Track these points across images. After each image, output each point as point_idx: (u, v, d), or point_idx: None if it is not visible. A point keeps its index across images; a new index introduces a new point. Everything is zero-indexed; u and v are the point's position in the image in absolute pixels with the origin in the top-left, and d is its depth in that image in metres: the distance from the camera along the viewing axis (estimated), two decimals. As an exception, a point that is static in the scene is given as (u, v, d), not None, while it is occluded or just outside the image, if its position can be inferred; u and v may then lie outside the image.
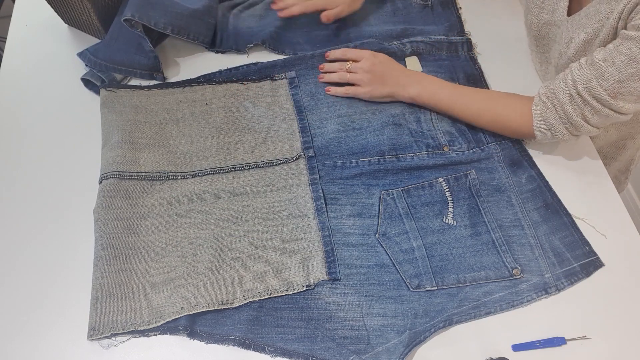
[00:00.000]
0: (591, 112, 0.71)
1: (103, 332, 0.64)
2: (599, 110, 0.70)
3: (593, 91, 0.69)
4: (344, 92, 0.86)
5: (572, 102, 0.71)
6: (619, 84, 0.67)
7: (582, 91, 0.70)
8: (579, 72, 0.70)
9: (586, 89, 0.69)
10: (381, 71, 0.85)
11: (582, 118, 0.71)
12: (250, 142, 0.81)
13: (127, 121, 0.81)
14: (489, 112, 0.79)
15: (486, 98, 0.81)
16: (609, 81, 0.68)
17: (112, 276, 0.68)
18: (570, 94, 0.71)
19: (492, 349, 0.65)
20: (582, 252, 0.72)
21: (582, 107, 0.71)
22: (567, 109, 0.72)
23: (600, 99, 0.69)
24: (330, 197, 0.76)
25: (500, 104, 0.79)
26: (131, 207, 0.73)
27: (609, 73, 0.67)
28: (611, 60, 0.67)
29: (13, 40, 0.96)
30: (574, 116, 0.71)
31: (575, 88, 0.71)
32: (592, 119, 0.71)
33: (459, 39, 0.95)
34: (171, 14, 0.86)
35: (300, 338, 0.65)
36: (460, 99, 0.81)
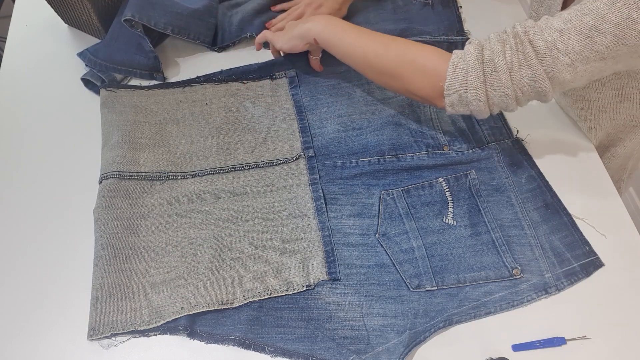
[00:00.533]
0: (521, 60, 0.62)
1: (103, 332, 0.64)
2: (530, 60, 0.61)
3: (531, 36, 0.61)
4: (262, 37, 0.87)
5: (505, 44, 0.63)
6: (559, 34, 0.59)
7: (520, 33, 0.62)
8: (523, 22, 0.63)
9: (525, 32, 0.62)
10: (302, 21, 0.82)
11: (508, 64, 0.62)
12: (250, 142, 0.81)
13: (127, 121, 0.81)
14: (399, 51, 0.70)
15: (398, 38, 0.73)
16: (550, 29, 0.60)
17: (112, 276, 0.68)
18: (504, 39, 0.63)
19: (492, 349, 0.65)
20: (582, 252, 0.72)
21: (514, 52, 0.62)
22: (495, 48, 0.63)
23: (536, 46, 0.61)
24: (330, 197, 0.76)
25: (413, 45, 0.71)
26: (131, 207, 0.73)
27: (552, 22, 0.61)
28: (559, 15, 0.61)
29: (13, 40, 0.96)
30: (500, 57, 0.62)
31: (514, 30, 0.63)
32: (517, 71, 0.62)
33: (459, 38, 0.95)
34: (171, 14, 0.86)
35: (301, 338, 0.65)
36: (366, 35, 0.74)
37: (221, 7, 0.96)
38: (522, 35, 0.62)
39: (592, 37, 0.58)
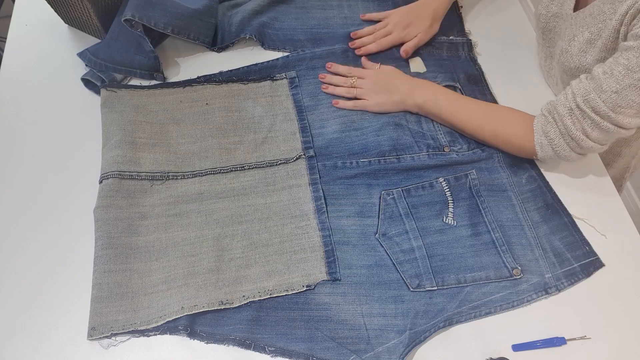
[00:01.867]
0: (591, 125, 0.69)
1: (103, 332, 0.64)
2: (598, 124, 0.68)
3: (592, 103, 0.68)
4: (353, 106, 0.86)
5: (572, 115, 0.70)
6: (617, 95, 0.66)
7: (581, 104, 0.69)
8: (578, 85, 0.70)
9: (585, 102, 0.68)
10: (386, 83, 0.85)
11: (582, 132, 0.70)
12: (250, 142, 0.81)
13: (127, 121, 0.81)
14: (491, 125, 0.78)
15: (489, 110, 0.80)
16: (606, 92, 0.66)
17: (112, 276, 0.68)
18: (569, 107, 0.70)
19: (492, 349, 0.65)
20: (582, 252, 0.72)
21: (582, 120, 0.69)
22: (567, 122, 0.70)
23: (599, 112, 0.67)
24: (331, 197, 0.76)
25: (502, 117, 0.78)
26: (131, 207, 0.73)
27: (607, 85, 0.66)
28: (610, 72, 0.66)
29: (13, 40, 0.96)
30: (574, 130, 0.70)
31: (575, 101, 0.69)
32: (592, 133, 0.69)
33: (459, 39, 0.95)
34: (171, 14, 0.86)
35: (301, 338, 0.65)
36: (463, 108, 0.80)
37: (221, 7, 0.96)
38: (584, 105, 0.68)
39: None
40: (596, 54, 0.73)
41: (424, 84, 0.85)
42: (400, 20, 0.92)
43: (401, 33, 0.91)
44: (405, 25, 0.91)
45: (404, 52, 0.91)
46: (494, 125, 0.78)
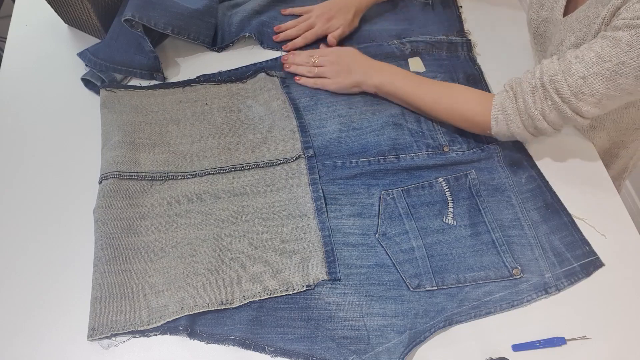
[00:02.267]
0: (550, 107, 0.69)
1: (103, 332, 0.64)
2: (558, 106, 0.68)
3: (556, 84, 0.68)
4: (313, 83, 0.88)
5: (534, 93, 0.70)
6: (583, 81, 0.66)
7: (546, 83, 0.68)
8: (548, 65, 0.69)
9: (550, 82, 0.68)
10: (347, 62, 0.86)
11: (540, 112, 0.70)
12: (250, 142, 0.81)
13: (127, 121, 0.81)
14: (446, 100, 0.78)
15: (445, 88, 0.81)
16: (573, 76, 0.66)
17: (112, 276, 0.68)
18: (534, 85, 0.70)
19: (492, 349, 0.65)
20: (582, 252, 0.72)
21: (543, 100, 0.69)
22: (527, 99, 0.70)
23: (562, 94, 0.67)
24: (330, 197, 0.76)
25: (459, 93, 0.79)
26: (131, 207, 0.73)
27: (575, 69, 0.66)
28: (581, 57, 0.66)
29: (13, 40, 0.96)
30: (532, 108, 0.70)
31: (541, 80, 0.69)
32: (549, 115, 0.69)
33: (459, 39, 0.95)
34: (171, 14, 0.86)
35: (301, 338, 0.65)
36: (419, 87, 0.81)
37: (221, 7, 0.96)
38: (549, 85, 0.68)
39: (614, 80, 0.64)
40: None
41: (383, 66, 0.86)
42: (322, 12, 0.93)
43: (324, 25, 0.93)
44: (328, 17, 0.93)
45: (330, 41, 0.92)
46: (449, 100, 0.79)
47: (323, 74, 0.87)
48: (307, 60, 0.89)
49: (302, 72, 0.89)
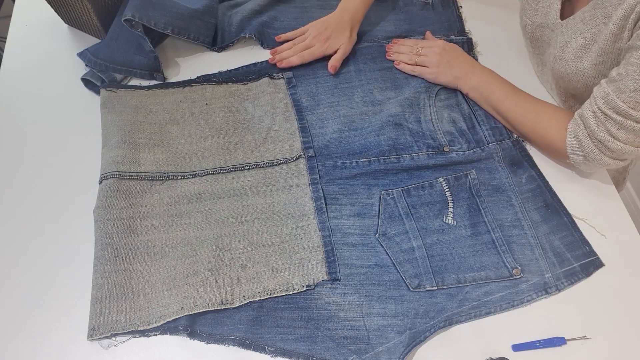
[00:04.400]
0: (615, 126, 0.69)
1: (103, 332, 0.64)
2: (622, 124, 0.69)
3: (612, 104, 0.69)
4: (411, 70, 0.89)
5: (595, 118, 0.71)
6: (636, 94, 0.66)
7: (602, 106, 0.69)
8: (599, 90, 0.71)
9: (605, 103, 0.69)
10: (451, 56, 0.87)
11: (606, 133, 0.70)
12: (250, 142, 0.81)
13: (127, 121, 0.81)
14: (533, 117, 0.79)
15: (535, 103, 0.80)
16: (625, 92, 0.67)
17: (112, 276, 0.68)
18: (593, 111, 0.71)
19: (492, 349, 0.65)
20: (582, 252, 0.72)
21: (605, 122, 0.70)
22: (591, 125, 0.71)
23: (621, 112, 0.68)
24: (331, 197, 0.76)
25: (546, 112, 0.79)
26: (131, 207, 0.73)
27: (624, 85, 0.67)
28: (625, 73, 0.67)
29: (13, 40, 0.95)
30: (597, 132, 0.70)
31: (597, 104, 0.70)
32: (618, 133, 0.70)
33: (459, 38, 0.95)
34: (171, 14, 0.86)
35: (301, 338, 0.65)
36: (512, 97, 0.82)
37: (221, 7, 0.96)
38: (605, 107, 0.69)
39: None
40: (593, 58, 0.74)
41: (483, 69, 0.87)
42: (318, 33, 0.91)
43: (322, 46, 0.90)
44: (325, 38, 0.90)
45: (332, 68, 0.89)
46: (536, 118, 0.79)
47: (424, 63, 0.88)
48: (410, 50, 0.90)
49: (402, 59, 0.90)
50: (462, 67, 0.87)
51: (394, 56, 0.91)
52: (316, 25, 0.92)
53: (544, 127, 0.78)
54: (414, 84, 0.89)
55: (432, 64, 0.88)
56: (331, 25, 0.91)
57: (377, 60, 0.91)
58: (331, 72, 0.90)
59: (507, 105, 0.81)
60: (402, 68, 0.90)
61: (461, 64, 0.87)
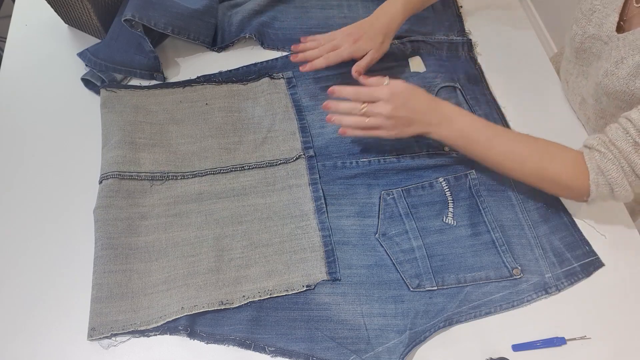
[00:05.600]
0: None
1: (103, 332, 0.64)
2: None
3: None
4: (365, 135, 0.76)
5: (637, 150, 0.63)
6: None
7: None
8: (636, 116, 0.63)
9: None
10: (404, 114, 0.72)
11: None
12: (250, 142, 0.81)
13: (127, 121, 0.81)
14: (536, 161, 0.69)
15: (533, 144, 0.71)
16: None
17: (112, 276, 0.68)
18: (633, 142, 0.63)
19: (492, 349, 0.65)
20: (582, 252, 0.72)
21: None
22: (634, 159, 0.63)
23: None
24: (331, 197, 0.76)
25: (547, 153, 0.69)
26: (131, 207, 0.73)
27: None
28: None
29: (13, 40, 0.95)
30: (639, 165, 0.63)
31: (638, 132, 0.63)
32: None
33: (459, 39, 0.95)
34: (171, 14, 0.86)
35: (301, 338, 0.65)
36: (499, 146, 0.71)
37: (221, 7, 0.96)
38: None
39: None
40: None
41: (453, 111, 0.73)
42: (349, 33, 0.82)
43: (350, 47, 0.81)
44: (355, 39, 0.81)
45: (356, 72, 0.81)
46: (539, 161, 0.69)
47: (377, 126, 0.73)
48: (353, 108, 0.74)
49: (349, 124, 0.75)
50: (423, 120, 0.72)
51: (336, 119, 0.76)
52: (348, 27, 0.84)
53: (554, 168, 0.69)
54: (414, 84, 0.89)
55: (387, 126, 0.73)
56: (364, 28, 0.83)
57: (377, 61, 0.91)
58: (354, 76, 0.81)
59: (494, 153, 0.71)
60: (351, 134, 0.76)
61: (421, 116, 0.72)
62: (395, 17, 0.83)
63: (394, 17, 0.83)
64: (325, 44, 0.83)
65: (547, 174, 0.69)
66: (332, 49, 0.82)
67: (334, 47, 0.82)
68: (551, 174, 0.69)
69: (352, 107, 0.74)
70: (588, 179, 0.67)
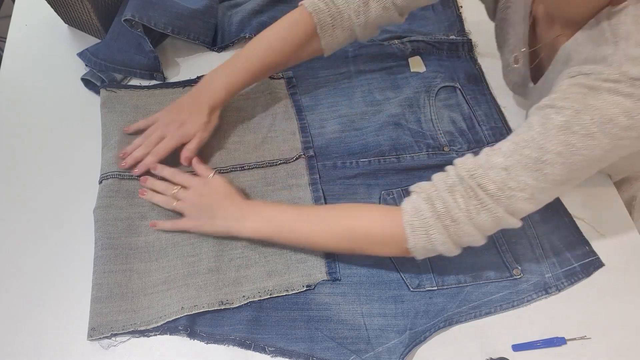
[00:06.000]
0: (477, 207, 0.57)
1: (103, 332, 0.64)
2: (486, 205, 0.57)
3: (478, 180, 0.57)
4: (171, 227, 0.71)
5: (453, 192, 0.58)
6: (507, 173, 0.56)
7: (466, 178, 0.58)
8: (463, 161, 0.60)
9: (471, 177, 0.57)
10: (209, 204, 0.70)
11: (465, 214, 0.58)
12: (250, 142, 0.81)
13: (127, 122, 0.81)
14: (342, 222, 0.65)
15: (340, 213, 0.67)
16: (494, 169, 0.56)
17: (112, 276, 0.68)
18: (450, 183, 0.59)
19: (492, 349, 0.65)
20: (582, 252, 0.72)
21: (466, 198, 0.57)
22: (447, 199, 0.58)
23: (488, 190, 0.56)
24: (331, 197, 0.76)
25: (355, 210, 0.67)
26: (131, 207, 0.73)
27: (495, 161, 0.57)
28: (497, 147, 0.58)
29: (13, 40, 0.96)
30: (455, 209, 0.58)
31: (459, 175, 0.59)
32: (477, 217, 0.57)
33: (459, 39, 0.95)
34: (171, 14, 0.86)
35: (301, 338, 0.65)
36: (306, 220, 0.67)
37: (221, 7, 0.96)
38: (469, 180, 0.57)
39: (540, 170, 0.55)
40: None
41: (255, 206, 0.71)
42: (171, 120, 0.76)
43: (176, 134, 0.75)
44: (179, 124, 0.75)
45: (185, 160, 0.75)
46: (346, 221, 0.65)
47: (182, 211, 0.71)
48: (166, 189, 0.73)
49: (157, 202, 0.73)
50: (227, 215, 0.69)
51: (147, 195, 0.73)
52: (168, 110, 0.79)
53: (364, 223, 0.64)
54: (414, 84, 0.89)
55: (191, 215, 0.71)
56: (184, 107, 0.77)
57: (377, 60, 0.91)
58: (184, 164, 0.75)
59: (305, 233, 0.67)
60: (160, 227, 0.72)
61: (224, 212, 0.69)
62: (216, 93, 0.76)
63: (215, 93, 0.76)
64: (150, 138, 0.76)
65: (358, 229, 0.64)
66: (158, 142, 0.76)
67: (159, 138, 0.76)
68: (360, 227, 0.64)
69: (166, 188, 0.73)
70: (401, 222, 0.60)
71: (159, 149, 0.75)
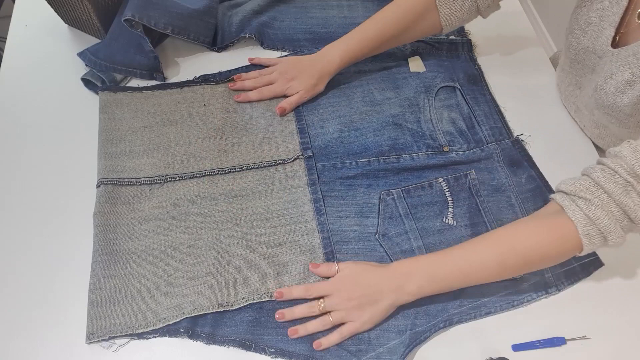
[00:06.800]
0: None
1: (101, 336, 0.64)
2: None
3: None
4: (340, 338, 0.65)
5: (629, 193, 0.57)
6: None
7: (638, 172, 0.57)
8: (625, 156, 0.58)
9: None
10: (362, 291, 0.65)
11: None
12: (248, 143, 0.81)
13: (127, 129, 0.80)
14: (521, 262, 0.62)
15: (496, 239, 0.64)
16: None
17: (111, 281, 0.68)
18: (623, 184, 0.57)
19: (492, 349, 0.65)
20: (583, 252, 0.72)
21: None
22: (626, 202, 0.57)
23: None
24: (330, 197, 0.76)
25: (525, 242, 0.62)
26: (131, 213, 0.73)
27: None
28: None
29: (13, 40, 0.95)
30: (634, 209, 0.57)
31: (631, 172, 0.57)
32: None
33: (459, 39, 0.95)
34: (171, 14, 0.86)
35: (301, 339, 0.65)
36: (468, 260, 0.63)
37: (221, 7, 0.96)
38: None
39: None
40: (635, 96, 0.67)
41: (405, 264, 0.66)
42: (285, 70, 0.85)
43: (284, 85, 0.84)
44: (290, 78, 0.85)
45: (279, 109, 0.83)
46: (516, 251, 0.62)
47: (344, 319, 0.65)
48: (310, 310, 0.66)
49: (316, 329, 0.65)
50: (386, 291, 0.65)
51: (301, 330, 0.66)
52: (288, 61, 0.87)
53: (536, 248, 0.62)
54: (413, 84, 0.89)
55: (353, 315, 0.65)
56: (301, 66, 0.85)
57: (377, 60, 0.91)
58: (277, 112, 0.83)
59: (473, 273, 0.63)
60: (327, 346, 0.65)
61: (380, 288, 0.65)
62: (331, 63, 0.84)
63: (330, 62, 0.84)
64: (262, 78, 0.86)
65: (533, 255, 0.62)
66: (267, 83, 0.86)
67: (269, 81, 0.86)
68: (536, 256, 0.62)
69: (309, 308, 0.67)
70: (576, 234, 0.59)
71: (264, 90, 0.85)
